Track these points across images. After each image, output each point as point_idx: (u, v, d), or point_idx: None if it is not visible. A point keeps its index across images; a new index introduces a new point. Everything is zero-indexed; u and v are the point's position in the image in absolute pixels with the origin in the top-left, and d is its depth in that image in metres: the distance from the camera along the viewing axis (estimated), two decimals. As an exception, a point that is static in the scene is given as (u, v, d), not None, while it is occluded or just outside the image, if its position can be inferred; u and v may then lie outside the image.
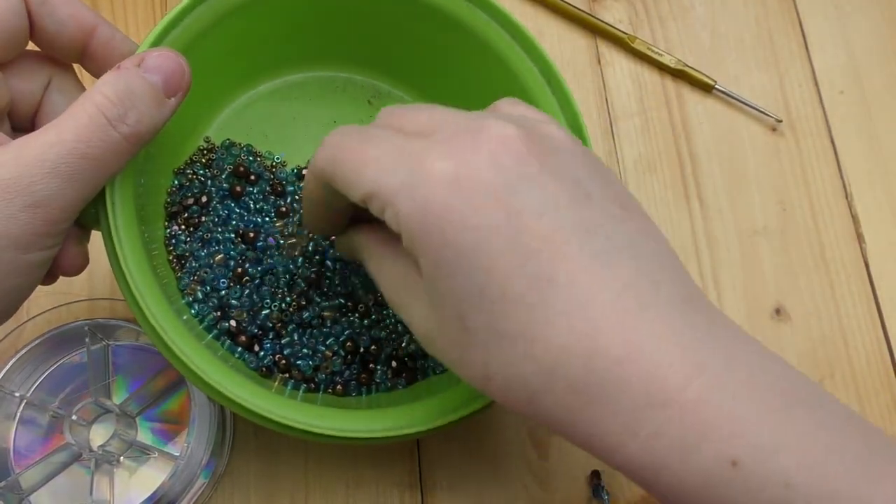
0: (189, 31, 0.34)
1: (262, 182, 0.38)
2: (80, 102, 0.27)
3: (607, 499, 0.39)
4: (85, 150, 0.27)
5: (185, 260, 0.37)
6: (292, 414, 0.31)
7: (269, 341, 0.36)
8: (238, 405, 0.30)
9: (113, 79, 0.28)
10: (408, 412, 0.32)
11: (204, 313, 0.36)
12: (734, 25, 0.49)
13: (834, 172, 0.46)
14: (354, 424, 0.32)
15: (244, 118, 0.40)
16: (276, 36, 0.39)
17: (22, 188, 0.26)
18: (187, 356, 0.30)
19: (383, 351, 0.36)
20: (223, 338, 0.36)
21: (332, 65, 0.41)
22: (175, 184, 0.38)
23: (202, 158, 0.39)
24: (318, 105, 0.41)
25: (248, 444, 0.39)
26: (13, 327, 0.39)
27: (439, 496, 0.39)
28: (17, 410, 0.39)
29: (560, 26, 0.49)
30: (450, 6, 0.36)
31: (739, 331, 0.26)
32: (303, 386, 0.36)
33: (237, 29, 0.36)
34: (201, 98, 0.38)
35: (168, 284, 0.35)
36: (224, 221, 0.37)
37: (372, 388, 0.36)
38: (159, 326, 0.30)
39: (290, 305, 0.36)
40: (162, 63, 0.29)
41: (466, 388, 0.33)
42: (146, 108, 0.28)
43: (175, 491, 0.37)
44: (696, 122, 0.47)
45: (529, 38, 0.35)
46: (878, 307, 0.43)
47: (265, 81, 0.41)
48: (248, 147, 0.39)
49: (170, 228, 0.37)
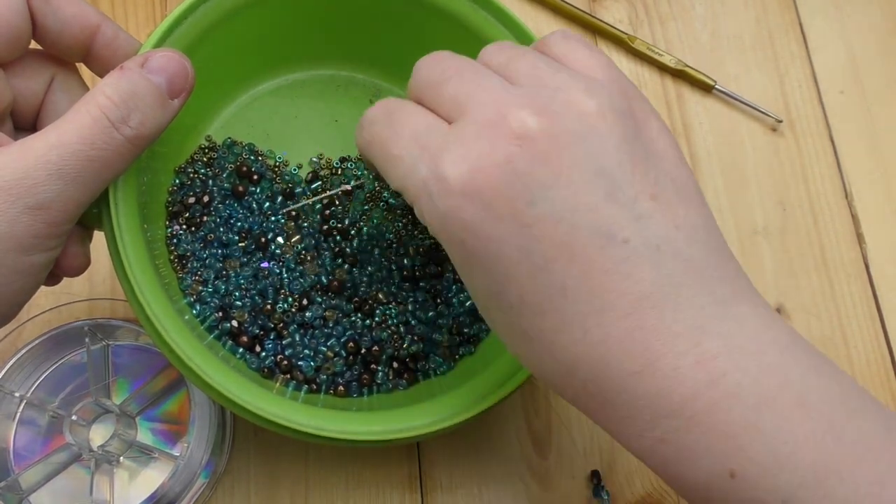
0: (192, 30, 0.34)
1: (265, 181, 0.38)
2: (83, 103, 0.27)
3: (607, 499, 0.39)
4: (88, 152, 0.26)
5: (187, 260, 0.36)
6: (296, 416, 0.31)
7: (271, 342, 0.36)
8: (241, 407, 0.30)
9: (116, 79, 0.27)
10: (411, 414, 0.32)
11: (205, 314, 0.35)
12: (734, 25, 0.49)
13: (834, 172, 0.46)
14: (357, 427, 0.32)
15: (246, 117, 0.40)
16: (277, 35, 0.39)
17: (24, 190, 0.26)
18: (189, 357, 0.30)
19: (384, 352, 0.36)
20: (224, 338, 0.35)
21: (334, 63, 0.41)
22: (176, 182, 0.38)
23: (203, 157, 0.38)
24: (320, 104, 0.41)
25: (248, 444, 0.39)
26: (13, 327, 0.39)
27: (439, 496, 0.39)
28: (17, 410, 0.38)
29: (560, 26, 0.49)
30: (451, 4, 0.36)
31: (766, 334, 0.25)
32: (304, 387, 0.36)
33: (239, 28, 0.36)
34: (203, 96, 0.38)
35: (169, 284, 0.35)
36: (226, 221, 0.37)
37: (373, 389, 0.36)
38: (161, 327, 0.30)
39: (291, 306, 0.36)
40: (166, 64, 0.29)
41: (468, 391, 0.33)
42: (149, 110, 0.28)
43: (175, 491, 0.36)
44: (696, 122, 0.47)
45: (531, 37, 0.35)
46: (878, 307, 0.43)
47: (267, 80, 0.41)
48: (250, 146, 0.39)
49: (171, 228, 0.37)
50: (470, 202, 0.24)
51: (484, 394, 0.33)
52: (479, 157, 0.24)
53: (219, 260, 0.36)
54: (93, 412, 0.38)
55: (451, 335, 0.37)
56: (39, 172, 0.26)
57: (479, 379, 0.34)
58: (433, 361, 0.37)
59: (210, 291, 0.36)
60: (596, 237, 0.24)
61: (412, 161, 0.26)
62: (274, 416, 0.31)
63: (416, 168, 0.25)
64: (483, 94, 0.25)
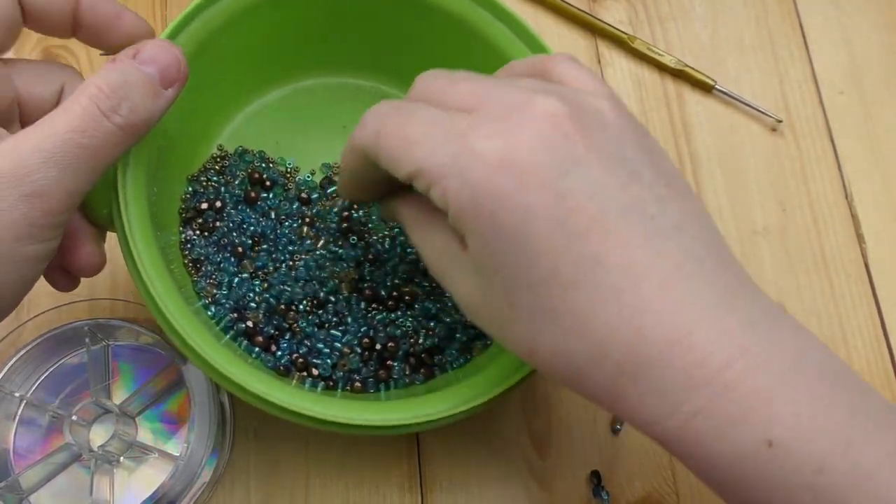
0: (198, 34, 0.34)
1: (277, 188, 0.39)
2: (76, 95, 0.27)
3: (607, 499, 0.39)
4: (80, 139, 0.27)
5: (201, 264, 0.37)
6: (317, 407, 0.31)
7: (286, 341, 0.36)
8: (264, 400, 0.31)
9: (108, 71, 0.28)
10: (429, 401, 0.32)
11: (220, 315, 0.36)
12: (734, 25, 0.49)
13: (834, 173, 0.46)
14: (375, 415, 0.32)
15: (255, 125, 0.41)
16: (283, 43, 0.39)
17: (19, 178, 0.26)
18: (200, 346, 0.31)
19: (400, 347, 0.37)
20: (240, 339, 0.36)
21: (342, 71, 0.42)
22: (189, 190, 0.39)
23: (215, 165, 0.39)
24: (328, 111, 0.41)
25: (248, 444, 0.39)
26: (13, 327, 0.39)
27: (439, 496, 0.39)
28: (17, 410, 0.39)
29: (560, 26, 0.49)
30: (459, 10, 0.36)
31: (782, 313, 0.26)
32: (320, 384, 0.36)
33: (245, 37, 0.37)
34: (213, 105, 0.39)
35: (184, 288, 0.36)
36: (239, 226, 0.38)
37: (390, 385, 0.37)
38: (177, 322, 0.31)
39: (307, 306, 0.37)
40: (157, 54, 0.29)
41: (483, 378, 0.33)
42: (140, 99, 0.28)
43: (175, 491, 0.37)
44: (696, 122, 0.47)
45: (542, 45, 0.35)
46: (878, 307, 0.43)
47: (275, 89, 0.41)
48: (261, 154, 0.40)
49: (185, 233, 0.38)
50: (505, 174, 0.24)
51: (500, 379, 0.33)
52: (513, 133, 0.25)
53: (233, 264, 0.37)
54: (93, 412, 0.38)
55: (468, 329, 0.37)
56: (33, 160, 0.26)
57: (495, 365, 0.34)
58: (449, 355, 0.37)
59: (224, 294, 0.36)
60: (626, 212, 0.25)
61: (434, 143, 0.26)
62: (304, 408, 0.31)
63: (440, 148, 0.25)
64: (499, 89, 0.26)
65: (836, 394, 0.25)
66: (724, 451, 0.24)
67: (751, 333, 0.24)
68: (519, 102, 0.25)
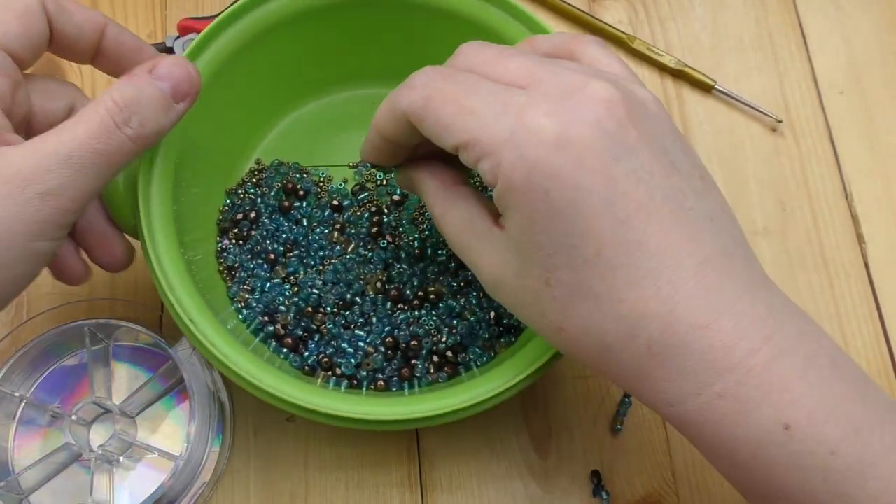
0: (220, 54, 0.36)
1: (311, 196, 0.40)
2: (94, 105, 0.29)
3: (607, 498, 0.39)
4: (95, 145, 0.28)
5: (235, 270, 0.39)
6: (341, 405, 0.32)
7: (314, 342, 0.37)
8: (289, 402, 0.32)
9: (123, 84, 0.30)
10: (451, 393, 0.33)
11: (251, 318, 0.37)
12: (734, 25, 0.49)
13: (834, 173, 0.46)
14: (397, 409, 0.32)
15: (290, 138, 0.43)
16: (315, 57, 0.41)
17: (37, 177, 0.27)
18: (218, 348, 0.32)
19: (423, 346, 0.37)
20: (270, 341, 0.37)
21: (372, 82, 0.43)
22: (227, 202, 0.40)
23: (253, 178, 0.41)
24: (360, 122, 0.42)
25: (248, 444, 0.39)
26: (13, 327, 0.39)
27: (439, 496, 0.39)
28: (17, 410, 0.39)
29: (560, 26, 0.49)
30: (484, 17, 0.37)
31: (797, 307, 0.28)
32: (344, 382, 0.37)
33: (275, 54, 0.39)
34: (249, 121, 0.41)
35: (218, 293, 0.38)
36: (272, 234, 0.39)
37: (414, 383, 0.37)
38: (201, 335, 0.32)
39: (333, 307, 0.38)
40: (172, 70, 0.31)
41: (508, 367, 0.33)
42: (151, 113, 0.30)
43: (175, 491, 0.37)
44: (696, 122, 0.47)
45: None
46: (878, 307, 0.43)
47: (308, 103, 0.43)
48: (296, 165, 0.41)
49: (221, 243, 0.39)
50: (562, 153, 0.25)
51: (523, 368, 0.32)
52: (572, 113, 0.25)
53: (265, 270, 0.38)
54: (93, 412, 0.38)
55: (491, 326, 0.37)
56: (52, 161, 0.28)
57: (520, 355, 0.33)
58: (472, 353, 0.37)
59: (256, 298, 0.38)
60: (669, 200, 0.26)
61: (493, 114, 0.26)
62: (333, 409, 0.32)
63: (498, 120, 0.26)
64: (553, 69, 0.27)
65: (846, 384, 0.26)
66: (742, 433, 0.26)
67: (773, 324, 0.26)
68: (575, 84, 0.26)
